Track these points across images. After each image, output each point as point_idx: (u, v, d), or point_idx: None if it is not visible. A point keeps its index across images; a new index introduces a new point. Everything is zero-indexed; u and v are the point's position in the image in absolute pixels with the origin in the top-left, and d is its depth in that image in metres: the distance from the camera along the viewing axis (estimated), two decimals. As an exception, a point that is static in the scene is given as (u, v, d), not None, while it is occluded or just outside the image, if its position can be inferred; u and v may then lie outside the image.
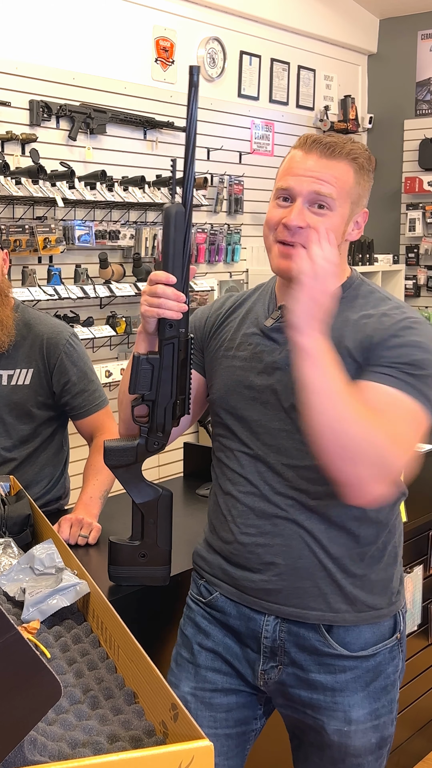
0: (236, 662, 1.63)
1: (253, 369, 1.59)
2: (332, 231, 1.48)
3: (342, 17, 5.82)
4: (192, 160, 1.52)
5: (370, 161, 1.56)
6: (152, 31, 4.53)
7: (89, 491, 2.13)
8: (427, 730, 2.91)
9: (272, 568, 1.56)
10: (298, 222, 1.48)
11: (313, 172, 1.50)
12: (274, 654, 1.59)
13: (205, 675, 1.65)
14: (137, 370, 1.57)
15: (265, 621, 1.58)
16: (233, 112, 5.08)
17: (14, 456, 2.28)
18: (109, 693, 1.24)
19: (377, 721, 1.58)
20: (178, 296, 1.51)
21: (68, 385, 2.25)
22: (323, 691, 1.57)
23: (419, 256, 6.04)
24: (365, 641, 1.57)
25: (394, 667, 1.61)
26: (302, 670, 1.57)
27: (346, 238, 1.55)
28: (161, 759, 0.97)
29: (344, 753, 1.58)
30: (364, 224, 1.58)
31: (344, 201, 1.51)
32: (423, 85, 6.04)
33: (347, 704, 1.56)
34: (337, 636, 1.56)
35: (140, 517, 1.72)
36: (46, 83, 3.92)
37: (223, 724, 1.64)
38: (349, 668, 1.56)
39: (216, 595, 1.64)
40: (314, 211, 1.49)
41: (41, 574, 1.55)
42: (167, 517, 1.72)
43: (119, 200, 4.08)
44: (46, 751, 1.06)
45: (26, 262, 3.88)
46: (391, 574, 1.59)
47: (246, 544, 1.58)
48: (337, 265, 1.50)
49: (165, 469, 4.51)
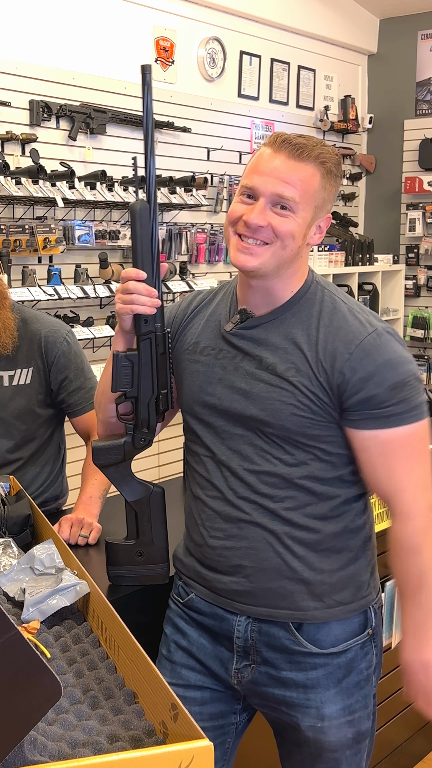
0: (210, 662, 1.65)
1: (214, 375, 1.59)
2: (293, 234, 1.48)
3: (342, 17, 5.82)
4: (152, 157, 1.52)
5: (339, 166, 1.53)
6: (152, 31, 4.53)
7: (88, 491, 2.13)
8: (427, 730, 2.90)
9: (240, 570, 1.58)
10: (259, 221, 1.47)
11: (278, 173, 1.48)
12: (247, 653, 1.60)
13: (179, 672, 1.67)
14: (117, 368, 1.59)
15: (237, 621, 1.60)
16: (233, 112, 5.08)
17: (17, 457, 2.28)
18: (109, 693, 1.24)
19: (351, 716, 1.59)
20: (149, 291, 1.53)
21: (65, 382, 2.25)
22: (296, 689, 1.58)
23: (419, 256, 6.04)
24: (335, 638, 1.57)
25: (367, 662, 1.61)
26: (274, 669, 1.59)
27: (308, 242, 1.53)
28: (161, 759, 0.97)
29: (320, 748, 1.59)
30: (326, 229, 1.56)
31: (307, 205, 1.49)
32: (423, 85, 6.04)
33: (320, 701, 1.57)
34: (307, 634, 1.57)
35: (134, 515, 1.72)
36: (46, 83, 3.92)
37: (197, 717, 1.65)
38: (320, 665, 1.57)
39: (192, 596, 1.67)
40: (276, 212, 1.49)
41: (41, 575, 1.55)
42: (161, 514, 1.72)
43: (119, 200, 4.08)
44: (46, 751, 1.06)
45: (26, 262, 3.88)
46: (359, 567, 1.60)
47: (215, 547, 1.60)
48: (296, 269, 1.54)
49: (165, 469, 4.51)
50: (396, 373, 1.47)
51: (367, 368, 1.47)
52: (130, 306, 1.53)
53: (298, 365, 1.51)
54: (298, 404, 1.50)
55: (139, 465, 1.71)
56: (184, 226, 4.73)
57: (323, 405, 1.49)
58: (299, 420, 1.50)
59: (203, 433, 1.61)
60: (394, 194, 6.15)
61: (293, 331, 1.53)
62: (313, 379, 1.49)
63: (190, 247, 4.77)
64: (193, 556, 1.67)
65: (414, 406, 1.48)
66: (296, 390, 1.50)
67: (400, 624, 1.59)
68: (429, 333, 5.97)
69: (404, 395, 1.47)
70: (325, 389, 1.49)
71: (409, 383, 1.48)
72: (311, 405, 1.49)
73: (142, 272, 1.53)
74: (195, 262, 4.81)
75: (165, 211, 4.59)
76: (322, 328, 1.52)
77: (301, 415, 1.50)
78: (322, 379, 1.49)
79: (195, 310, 1.68)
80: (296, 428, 1.51)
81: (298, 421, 1.50)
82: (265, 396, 1.52)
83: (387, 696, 2.59)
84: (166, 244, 4.60)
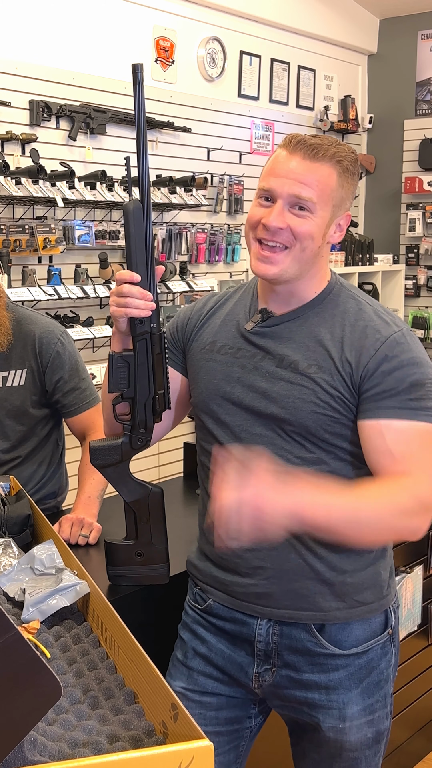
0: (229, 667, 1.64)
1: (233, 373, 1.59)
2: (311, 235, 1.49)
3: (342, 17, 5.82)
4: (145, 156, 1.53)
5: (355, 164, 1.54)
6: (152, 31, 4.53)
7: (87, 491, 2.13)
8: (427, 730, 2.91)
9: (260, 572, 1.57)
10: (278, 223, 1.48)
11: (295, 174, 1.48)
12: (268, 657, 1.60)
13: (196, 678, 1.66)
14: (113, 369, 1.60)
15: (258, 625, 1.59)
16: (233, 112, 5.08)
17: (12, 457, 2.28)
18: (109, 693, 1.24)
19: (372, 716, 1.60)
20: (144, 294, 1.53)
21: (60, 383, 2.24)
22: (317, 690, 1.58)
23: (419, 256, 6.04)
24: (356, 638, 1.58)
25: (386, 662, 1.62)
26: (296, 671, 1.58)
27: (328, 241, 1.55)
28: (161, 759, 0.97)
29: (340, 749, 1.59)
30: (346, 227, 1.57)
31: (325, 204, 1.50)
32: (423, 85, 6.03)
33: (341, 702, 1.58)
34: (329, 635, 1.57)
35: (133, 515, 1.72)
36: (46, 83, 3.92)
37: (213, 722, 1.66)
38: (342, 666, 1.57)
39: (210, 602, 1.66)
40: (295, 213, 1.49)
41: (41, 575, 1.55)
42: (159, 514, 1.72)
43: (119, 200, 4.08)
44: (46, 751, 1.06)
45: (26, 262, 3.88)
46: (380, 567, 1.60)
47: (233, 549, 1.58)
48: (318, 269, 1.55)
49: (165, 469, 4.51)
50: (418, 371, 1.49)
51: (391, 363, 1.49)
52: (124, 309, 1.53)
53: (320, 362, 1.52)
54: (318, 401, 1.50)
55: (139, 465, 1.72)
56: (184, 226, 4.73)
57: (344, 402, 1.50)
58: (320, 417, 1.51)
59: (219, 433, 1.60)
60: (394, 194, 6.15)
61: (317, 329, 1.54)
62: (336, 375, 1.50)
63: (190, 247, 4.77)
64: (209, 559, 1.66)
65: (428, 407, 1.49)
66: (318, 387, 1.51)
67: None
68: (429, 333, 5.96)
69: (421, 394, 1.48)
70: (347, 385, 1.50)
71: (427, 385, 1.49)
72: (332, 402, 1.50)
73: (137, 275, 1.53)
74: (195, 262, 4.81)
75: (165, 211, 4.59)
76: (348, 326, 1.53)
77: (322, 412, 1.50)
78: (345, 375, 1.50)
79: (211, 311, 1.69)
80: (316, 426, 1.51)
81: (318, 418, 1.51)
82: (286, 394, 1.52)
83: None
84: (166, 244, 4.60)
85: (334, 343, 1.52)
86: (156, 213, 4.53)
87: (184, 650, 1.69)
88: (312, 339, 1.54)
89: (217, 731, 1.66)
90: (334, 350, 1.52)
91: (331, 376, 1.50)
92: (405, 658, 2.68)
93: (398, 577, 2.57)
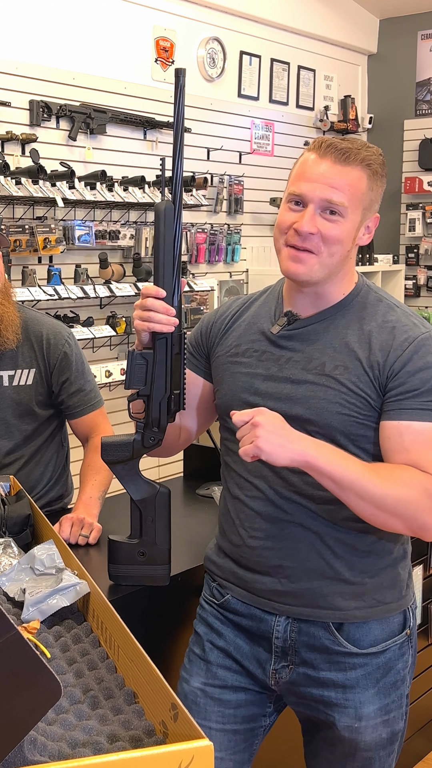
0: (247, 662, 1.65)
1: (258, 376, 1.60)
2: (341, 240, 1.50)
3: (342, 17, 5.82)
4: (180, 160, 1.52)
5: (384, 166, 1.55)
6: (152, 31, 4.53)
7: (88, 491, 2.13)
8: (427, 730, 2.91)
9: (281, 570, 1.57)
10: (309, 228, 1.48)
11: (326, 179, 1.48)
12: (285, 654, 1.60)
13: (215, 672, 1.66)
14: (132, 366, 1.60)
15: (276, 621, 1.60)
16: (233, 112, 5.08)
17: (17, 456, 2.28)
18: (109, 693, 1.24)
19: (387, 716, 1.60)
20: (167, 309, 1.53)
21: (66, 384, 2.26)
22: (334, 689, 1.58)
23: (419, 256, 6.04)
24: (375, 638, 1.58)
25: (404, 662, 1.62)
26: (313, 669, 1.59)
27: (357, 243, 1.55)
28: (161, 759, 0.97)
29: (355, 748, 1.59)
30: (375, 228, 1.58)
31: (356, 208, 1.51)
32: (423, 85, 6.04)
33: (358, 701, 1.58)
34: (347, 634, 1.57)
35: (138, 514, 1.72)
36: (46, 83, 3.92)
37: (231, 720, 1.66)
38: (360, 665, 1.57)
39: (228, 597, 1.66)
40: (326, 218, 1.49)
41: (41, 575, 1.55)
42: (165, 514, 1.72)
43: (119, 200, 4.08)
44: (46, 751, 1.06)
45: (26, 262, 3.88)
46: (399, 568, 1.61)
47: (254, 547, 1.59)
48: (346, 272, 1.56)
49: (165, 469, 4.51)
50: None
51: (416, 363, 1.49)
52: (147, 323, 1.54)
53: (347, 363, 1.52)
54: (344, 402, 1.51)
55: (139, 464, 1.72)
56: (183, 226, 4.72)
57: (369, 403, 1.50)
58: (344, 419, 1.51)
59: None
60: (394, 194, 6.15)
61: (344, 331, 1.55)
62: (363, 376, 1.51)
63: (190, 247, 4.77)
64: (228, 557, 1.66)
65: None
66: (344, 387, 1.51)
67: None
68: (429, 333, 5.96)
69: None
70: (374, 385, 1.50)
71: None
72: (357, 402, 1.50)
73: (162, 290, 1.53)
74: (195, 262, 4.81)
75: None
76: (375, 327, 1.54)
77: (347, 413, 1.51)
78: (371, 375, 1.50)
79: (235, 315, 1.69)
80: (341, 427, 1.51)
81: (343, 419, 1.51)
82: (311, 395, 1.53)
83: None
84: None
85: (361, 344, 1.53)
86: (156, 213, 4.53)
87: (201, 644, 1.69)
88: (339, 340, 1.54)
89: (235, 729, 1.66)
90: (361, 351, 1.52)
91: (357, 377, 1.51)
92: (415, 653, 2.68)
93: (398, 577, 2.57)
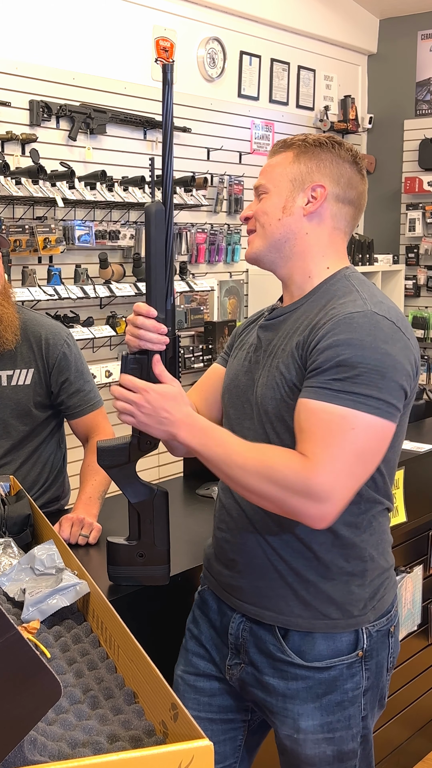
0: (215, 653, 1.69)
1: (242, 368, 1.63)
2: (265, 210, 1.58)
3: (342, 17, 5.82)
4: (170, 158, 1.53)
5: (321, 143, 1.57)
6: (152, 31, 4.53)
7: (88, 491, 2.13)
8: (427, 730, 2.91)
9: (234, 564, 1.60)
10: (245, 214, 1.63)
11: (262, 169, 1.64)
12: (238, 651, 1.62)
13: (191, 659, 1.71)
14: (125, 371, 1.60)
15: (233, 618, 1.62)
16: (233, 112, 5.08)
17: (15, 456, 2.28)
18: (109, 693, 1.24)
19: (331, 734, 1.55)
20: (157, 328, 1.53)
21: (65, 385, 2.26)
22: (275, 696, 1.58)
23: (419, 256, 6.04)
24: (319, 653, 1.53)
25: (353, 684, 1.55)
26: (258, 671, 1.60)
27: (303, 213, 1.56)
28: (161, 759, 0.97)
29: (297, 759, 1.58)
30: (322, 197, 1.54)
31: (279, 182, 1.58)
32: (423, 85, 6.04)
33: (296, 712, 1.56)
34: (293, 643, 1.55)
35: (137, 516, 1.72)
36: (46, 83, 3.92)
37: (207, 708, 1.69)
38: (302, 677, 1.55)
39: (204, 588, 1.72)
40: (258, 200, 1.62)
41: (41, 575, 1.55)
42: (163, 516, 1.72)
43: (119, 200, 4.08)
44: (46, 751, 1.06)
45: (26, 262, 3.88)
46: (353, 585, 1.53)
47: (218, 538, 1.65)
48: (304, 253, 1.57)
49: (165, 469, 4.51)
50: (352, 353, 1.38)
51: (328, 340, 1.41)
52: (137, 341, 1.54)
53: (293, 349, 1.50)
54: (284, 389, 1.50)
55: (139, 465, 1.72)
56: (183, 226, 4.73)
57: (297, 386, 1.47)
58: (279, 404, 1.50)
59: (226, 425, 1.63)
60: (394, 194, 6.16)
61: (302, 317, 1.54)
62: (295, 361, 1.48)
63: (190, 247, 4.77)
64: (213, 548, 1.71)
65: (353, 392, 1.37)
66: (279, 374, 1.51)
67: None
68: (429, 333, 5.96)
69: (349, 376, 1.38)
70: (301, 368, 1.47)
71: (359, 368, 1.37)
72: (292, 390, 1.48)
73: (153, 310, 1.52)
74: (195, 262, 4.81)
75: (165, 211, 4.58)
76: (321, 311, 1.49)
77: (281, 398, 1.50)
78: (299, 360, 1.47)
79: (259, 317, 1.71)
80: (275, 411, 1.51)
81: (278, 404, 1.51)
82: (265, 382, 1.54)
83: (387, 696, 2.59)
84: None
85: (307, 326, 1.49)
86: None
87: (185, 635, 1.76)
88: (295, 327, 1.53)
89: (210, 718, 1.69)
90: (303, 334, 1.49)
91: (293, 360, 1.49)
92: (405, 658, 2.69)
93: (398, 577, 2.57)
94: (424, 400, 3.30)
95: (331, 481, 1.36)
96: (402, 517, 2.52)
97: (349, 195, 1.57)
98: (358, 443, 1.38)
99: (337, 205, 1.56)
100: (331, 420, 1.38)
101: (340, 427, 1.37)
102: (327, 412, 1.38)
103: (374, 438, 1.40)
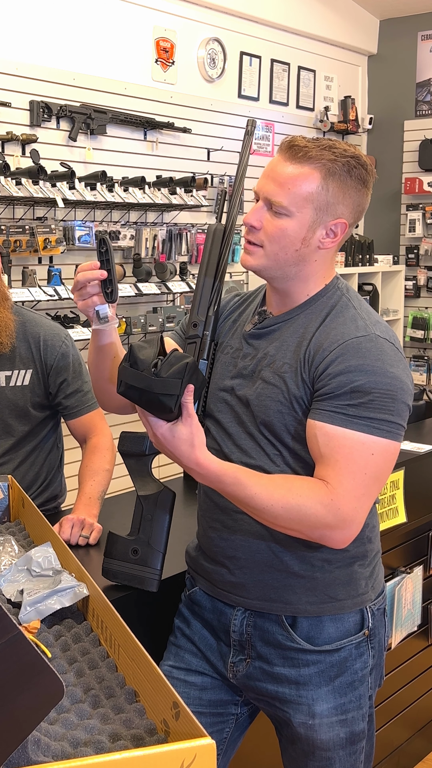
0: (210, 654, 1.68)
1: (228, 373, 1.62)
2: (282, 233, 1.49)
3: (342, 18, 5.82)
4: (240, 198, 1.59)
5: (350, 167, 1.49)
6: (152, 32, 4.53)
7: (88, 492, 2.13)
8: (427, 730, 2.91)
9: (234, 561, 1.60)
10: (252, 221, 1.51)
11: (274, 175, 1.50)
12: (243, 647, 1.62)
13: (182, 656, 1.71)
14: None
15: (234, 614, 1.62)
16: (233, 113, 5.08)
17: (12, 457, 2.28)
18: (110, 692, 1.24)
19: (344, 716, 1.59)
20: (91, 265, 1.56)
21: (63, 385, 2.26)
22: (288, 685, 1.59)
23: (419, 256, 6.04)
24: (328, 636, 1.58)
25: (362, 663, 1.61)
26: (268, 664, 1.60)
27: (318, 246, 1.51)
28: (163, 758, 0.97)
29: (312, 746, 1.60)
30: (341, 234, 1.52)
31: (303, 206, 1.47)
32: (423, 86, 6.04)
33: (311, 698, 1.58)
34: (301, 630, 1.57)
35: (140, 511, 1.73)
36: (46, 84, 3.92)
37: (196, 702, 1.69)
38: (313, 662, 1.58)
39: (195, 589, 1.71)
40: (272, 214, 1.50)
41: (38, 576, 1.55)
42: (164, 515, 1.72)
43: (119, 201, 4.08)
44: (49, 751, 1.06)
45: (26, 263, 3.88)
46: (357, 566, 1.59)
47: (212, 538, 1.64)
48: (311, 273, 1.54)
49: (165, 470, 4.51)
50: (365, 379, 1.43)
51: (339, 366, 1.45)
52: (86, 301, 1.57)
53: (291, 362, 1.52)
54: (284, 401, 1.51)
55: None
56: (184, 226, 4.73)
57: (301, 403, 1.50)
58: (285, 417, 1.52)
59: (214, 428, 1.63)
60: (394, 195, 6.16)
61: (299, 329, 1.55)
62: (298, 376, 1.50)
63: (190, 247, 4.77)
64: (200, 549, 1.70)
65: (367, 417, 1.42)
66: (284, 386, 1.51)
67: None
68: (429, 333, 5.97)
69: (363, 402, 1.42)
70: (306, 384, 1.49)
71: (373, 394, 1.42)
72: (294, 403, 1.50)
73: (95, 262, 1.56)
74: (195, 262, 4.81)
75: (165, 212, 4.59)
76: (322, 327, 1.52)
77: (287, 411, 1.51)
78: (305, 376, 1.50)
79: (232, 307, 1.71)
80: (282, 425, 1.52)
81: (284, 417, 1.52)
82: (261, 392, 1.55)
83: (387, 696, 2.59)
84: (166, 245, 4.60)
85: (304, 342, 1.51)
86: (156, 213, 4.54)
87: (174, 632, 1.76)
88: (293, 340, 1.54)
89: (199, 712, 1.68)
90: (301, 349, 1.51)
91: (295, 375, 1.50)
92: (405, 658, 2.69)
93: (398, 577, 2.57)
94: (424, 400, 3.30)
95: (355, 507, 1.44)
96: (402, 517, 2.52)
97: (358, 219, 1.58)
98: (376, 467, 1.45)
99: (347, 231, 1.55)
100: (353, 447, 1.43)
101: (361, 454, 1.43)
102: (346, 437, 1.43)
103: (389, 460, 1.47)
